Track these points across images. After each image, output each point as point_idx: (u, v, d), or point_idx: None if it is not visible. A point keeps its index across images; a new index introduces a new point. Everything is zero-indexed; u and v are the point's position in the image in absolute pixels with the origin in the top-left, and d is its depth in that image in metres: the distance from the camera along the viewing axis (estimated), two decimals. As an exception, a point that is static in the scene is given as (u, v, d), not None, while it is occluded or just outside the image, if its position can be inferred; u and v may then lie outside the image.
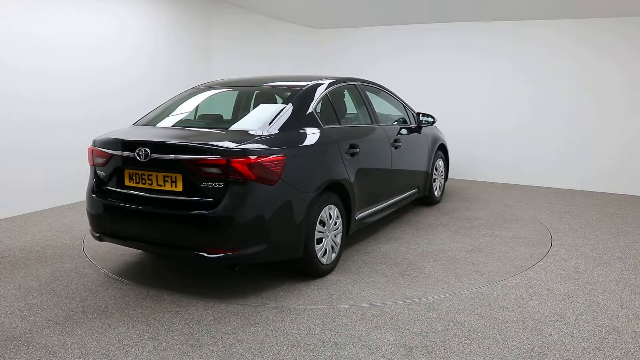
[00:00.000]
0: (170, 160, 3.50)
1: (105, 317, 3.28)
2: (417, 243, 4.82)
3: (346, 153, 4.22)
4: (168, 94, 5.70)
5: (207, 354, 2.85)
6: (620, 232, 5.23)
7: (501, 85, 7.84)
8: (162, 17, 7.06)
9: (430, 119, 5.89)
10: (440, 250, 4.63)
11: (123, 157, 3.70)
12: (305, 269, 3.88)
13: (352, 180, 4.24)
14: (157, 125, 4.24)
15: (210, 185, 3.42)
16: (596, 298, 3.60)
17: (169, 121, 4.31)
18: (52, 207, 5.96)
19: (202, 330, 3.12)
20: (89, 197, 3.95)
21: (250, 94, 4.78)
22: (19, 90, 5.55)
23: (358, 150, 4.37)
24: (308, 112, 4.07)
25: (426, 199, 6.18)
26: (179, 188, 3.52)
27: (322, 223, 3.91)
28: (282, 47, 8.85)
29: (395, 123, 5.53)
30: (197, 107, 4.57)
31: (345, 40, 9.10)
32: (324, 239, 3.93)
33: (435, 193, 6.28)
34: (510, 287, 3.78)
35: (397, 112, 5.73)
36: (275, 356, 2.83)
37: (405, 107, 5.78)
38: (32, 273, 4.04)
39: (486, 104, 7.96)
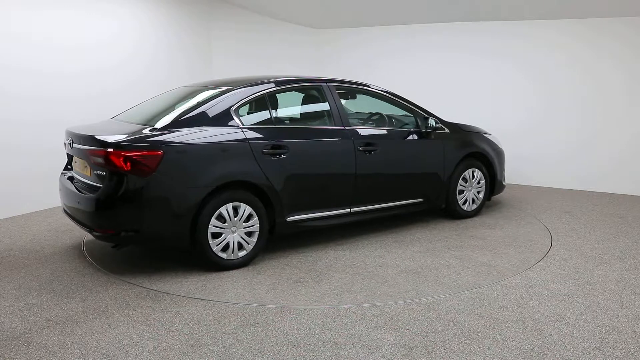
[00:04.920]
0: (81, 149, 4.09)
1: (105, 317, 3.28)
2: (366, 255, 4.47)
3: (264, 153, 4.21)
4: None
5: (207, 354, 2.85)
6: (620, 232, 5.23)
7: (501, 85, 7.83)
8: (162, 17, 7.06)
9: (434, 124, 5.35)
10: (378, 265, 4.23)
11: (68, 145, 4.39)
12: (202, 261, 4.08)
13: (277, 181, 4.26)
14: (118, 120, 4.69)
15: (99, 172, 3.95)
16: (596, 298, 3.60)
17: (129, 117, 4.60)
18: (52, 207, 5.96)
19: (202, 330, 3.12)
20: (59, 177, 4.68)
21: (202, 95, 4.71)
22: (19, 90, 5.54)
23: (285, 151, 4.32)
24: (224, 112, 4.20)
25: (449, 212, 5.61)
26: (89, 174, 4.10)
27: (223, 219, 4.03)
28: (282, 47, 8.84)
29: (403, 127, 5.37)
30: (163, 105, 4.63)
31: (346, 41, 9.08)
32: (224, 235, 4.05)
33: (465, 207, 5.62)
34: (510, 287, 3.79)
35: (397, 115, 5.53)
36: (275, 356, 2.83)
37: (413, 109, 5.36)
38: (32, 273, 4.04)
39: (486, 104, 7.95)
